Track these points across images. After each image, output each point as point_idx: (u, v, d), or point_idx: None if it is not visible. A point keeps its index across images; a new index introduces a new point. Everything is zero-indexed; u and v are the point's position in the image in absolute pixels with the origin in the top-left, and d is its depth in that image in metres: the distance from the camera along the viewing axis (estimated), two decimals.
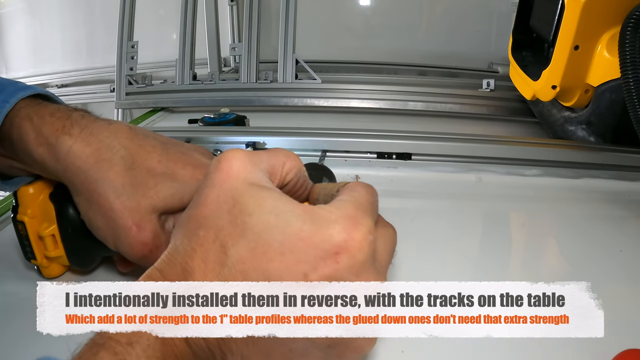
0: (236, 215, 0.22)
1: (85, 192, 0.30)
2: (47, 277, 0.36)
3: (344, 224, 0.22)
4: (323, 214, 0.22)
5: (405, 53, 1.03)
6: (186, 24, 0.84)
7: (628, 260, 0.40)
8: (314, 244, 0.21)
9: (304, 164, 0.39)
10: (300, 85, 0.82)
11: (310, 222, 0.21)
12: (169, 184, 0.31)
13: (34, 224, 0.34)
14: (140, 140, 0.32)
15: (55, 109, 0.32)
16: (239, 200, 0.22)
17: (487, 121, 0.79)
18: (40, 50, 1.31)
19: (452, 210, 0.49)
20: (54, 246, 0.34)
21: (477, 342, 0.31)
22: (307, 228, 0.21)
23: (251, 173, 0.23)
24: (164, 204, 0.31)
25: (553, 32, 0.54)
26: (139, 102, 0.87)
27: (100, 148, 0.30)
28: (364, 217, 0.22)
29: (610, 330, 0.31)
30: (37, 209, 0.34)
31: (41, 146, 0.31)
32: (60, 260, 0.35)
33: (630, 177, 0.55)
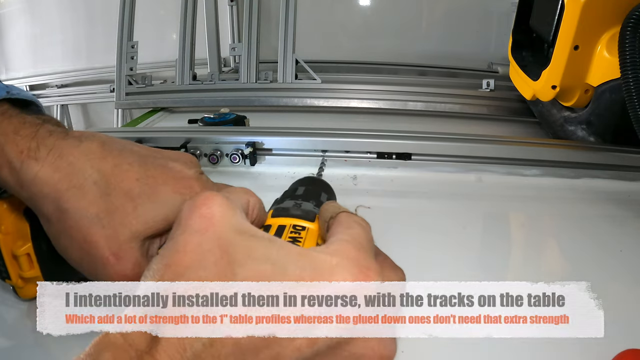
0: (224, 267, 0.20)
1: (55, 222, 0.27)
2: (23, 297, 0.34)
3: (346, 268, 0.20)
4: (322, 258, 0.20)
5: (405, 53, 1.03)
6: (186, 24, 0.84)
7: (628, 260, 0.40)
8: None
9: (299, 179, 0.37)
10: (300, 85, 0.82)
11: (310, 269, 0.20)
12: (149, 205, 0.28)
13: (8, 242, 0.31)
14: (115, 159, 0.29)
15: (21, 122, 0.28)
16: (227, 250, 0.20)
17: (487, 121, 0.79)
18: (40, 50, 1.31)
19: (452, 210, 0.49)
20: (29, 266, 0.32)
21: (477, 342, 0.31)
22: (307, 275, 0.20)
23: (234, 218, 0.21)
24: (146, 228, 0.28)
25: (553, 32, 0.54)
26: (139, 102, 0.87)
27: (70, 173, 0.27)
28: (367, 259, 0.21)
29: (610, 330, 0.31)
30: (10, 226, 0.31)
31: (4, 168, 0.27)
32: (37, 280, 0.33)
33: (630, 177, 0.55)
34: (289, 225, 0.27)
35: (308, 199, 0.31)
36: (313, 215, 0.28)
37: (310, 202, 0.31)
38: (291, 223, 0.27)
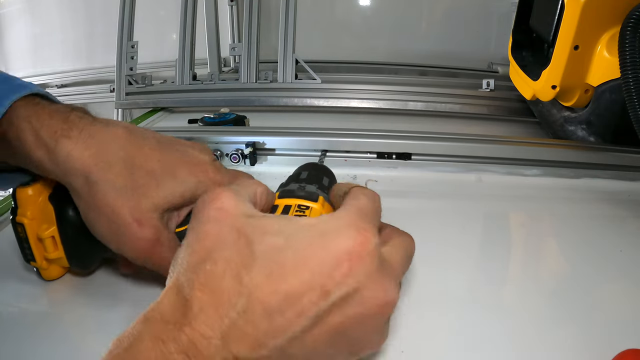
0: (243, 246, 0.22)
1: (85, 195, 0.31)
2: (46, 279, 0.36)
3: (348, 232, 0.23)
4: (328, 226, 0.23)
5: (405, 53, 1.03)
6: (186, 24, 0.83)
7: (628, 260, 0.40)
8: (325, 256, 0.22)
9: (303, 165, 0.39)
10: (300, 85, 0.82)
11: (318, 236, 0.23)
12: (169, 183, 0.32)
13: (34, 226, 0.34)
14: (139, 142, 0.33)
15: (54, 109, 0.32)
16: (242, 231, 0.23)
17: (487, 121, 0.79)
18: (40, 50, 1.31)
19: (452, 211, 0.49)
20: (53, 247, 0.34)
21: (476, 342, 0.31)
22: (317, 242, 0.22)
23: (243, 207, 0.24)
24: (165, 202, 0.32)
25: (553, 32, 0.54)
26: (139, 102, 0.87)
27: (99, 150, 0.31)
28: (365, 223, 0.23)
29: (610, 330, 0.31)
30: (36, 211, 0.34)
31: (40, 149, 0.30)
32: (60, 262, 0.35)
33: (630, 177, 0.55)
34: (294, 205, 0.30)
35: (311, 182, 0.34)
36: (316, 196, 0.31)
37: (313, 185, 0.34)
38: (296, 203, 0.30)
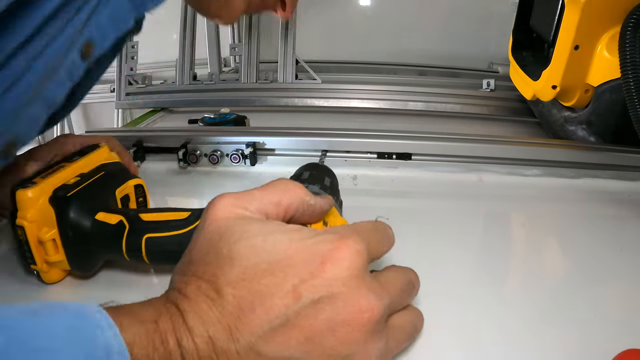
0: (222, 247, 0.23)
1: None
2: (47, 282, 0.36)
3: (327, 237, 0.23)
4: (311, 232, 0.23)
5: (406, 53, 1.03)
6: (186, 24, 0.84)
7: (628, 259, 0.40)
8: (301, 258, 0.22)
9: (304, 165, 0.39)
10: (300, 86, 0.82)
11: (297, 239, 0.23)
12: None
13: (34, 229, 0.33)
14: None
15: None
16: (224, 233, 0.23)
17: (487, 121, 0.79)
18: None
19: (453, 210, 0.49)
20: (54, 250, 0.34)
21: (476, 341, 0.31)
22: (295, 245, 0.22)
23: (236, 209, 0.25)
24: None
25: (553, 32, 0.54)
26: (139, 102, 0.87)
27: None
28: (349, 234, 0.23)
29: (610, 330, 0.31)
30: (36, 213, 0.33)
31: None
32: (61, 265, 0.35)
33: (630, 177, 0.55)
34: None
35: (313, 182, 0.34)
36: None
37: (315, 185, 0.34)
38: None
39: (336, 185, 0.39)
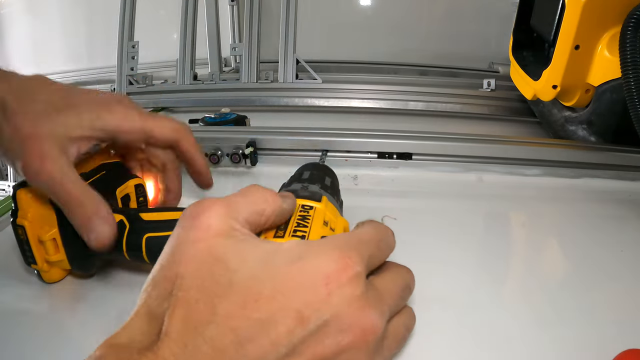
0: (220, 274, 0.21)
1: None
2: (47, 281, 0.36)
3: (329, 256, 0.22)
4: (310, 249, 0.22)
5: (406, 53, 1.03)
6: (187, 24, 0.84)
7: (628, 260, 0.40)
8: (303, 280, 0.21)
9: (305, 164, 0.39)
10: (300, 85, 0.82)
11: (297, 259, 0.22)
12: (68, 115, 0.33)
13: (34, 228, 0.33)
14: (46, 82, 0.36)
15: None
16: (221, 258, 0.22)
17: (488, 121, 0.79)
18: (41, 50, 1.31)
19: (453, 210, 0.49)
20: (55, 250, 0.34)
21: (476, 341, 0.31)
22: (296, 267, 0.22)
23: (227, 220, 0.23)
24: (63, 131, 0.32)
25: (553, 31, 0.53)
26: (140, 102, 0.86)
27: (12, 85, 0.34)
28: (351, 249, 0.23)
29: (610, 330, 0.31)
30: (37, 213, 0.33)
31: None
32: (61, 265, 0.35)
33: (630, 177, 0.55)
34: (298, 205, 0.29)
35: (314, 182, 0.34)
36: (319, 196, 0.30)
37: (316, 184, 0.34)
38: (300, 203, 0.29)
39: (337, 185, 0.40)
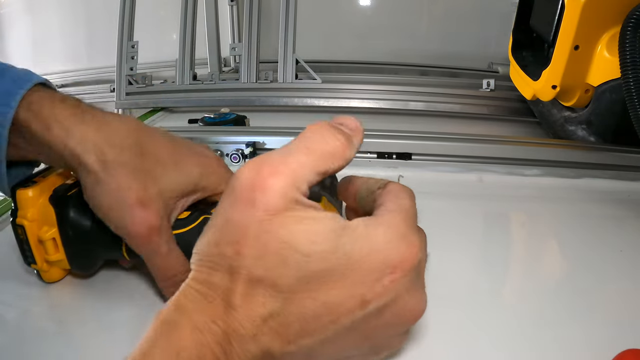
0: (287, 257, 0.21)
1: (93, 173, 0.31)
2: (47, 281, 0.36)
3: (398, 247, 0.22)
4: (378, 235, 0.22)
5: (406, 53, 1.03)
6: (186, 24, 0.84)
7: (628, 260, 0.40)
8: (371, 267, 0.22)
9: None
10: (300, 85, 0.82)
11: (367, 247, 0.22)
12: (176, 171, 0.33)
13: (34, 228, 0.33)
14: (148, 132, 0.34)
15: (64, 96, 0.33)
16: (288, 240, 0.21)
17: (488, 121, 0.79)
18: (40, 50, 1.31)
19: (453, 210, 0.49)
20: (54, 250, 0.34)
21: (476, 341, 0.31)
22: (365, 253, 0.22)
23: (292, 200, 0.22)
24: (170, 189, 0.32)
25: (553, 32, 0.54)
26: (139, 102, 0.87)
27: (111, 135, 0.32)
28: (413, 233, 0.23)
29: (610, 330, 0.31)
30: (36, 213, 0.33)
31: (54, 128, 0.31)
32: (61, 265, 0.35)
33: (630, 177, 0.55)
34: None
35: None
36: (319, 197, 0.30)
37: (316, 185, 0.32)
38: None
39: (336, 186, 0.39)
